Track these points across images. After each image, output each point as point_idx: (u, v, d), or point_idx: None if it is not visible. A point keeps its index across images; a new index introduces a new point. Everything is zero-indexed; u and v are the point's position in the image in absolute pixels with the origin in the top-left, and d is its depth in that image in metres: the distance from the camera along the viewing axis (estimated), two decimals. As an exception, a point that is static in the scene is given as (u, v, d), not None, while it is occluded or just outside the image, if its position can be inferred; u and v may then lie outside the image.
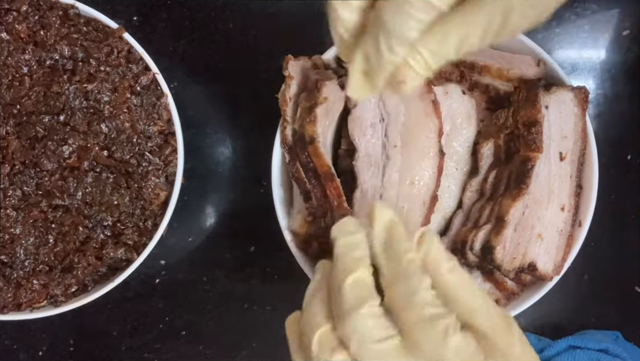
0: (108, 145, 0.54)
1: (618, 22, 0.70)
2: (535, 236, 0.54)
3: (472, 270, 0.56)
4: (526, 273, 0.55)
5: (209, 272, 0.68)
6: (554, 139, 0.54)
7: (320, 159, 0.53)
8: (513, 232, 0.53)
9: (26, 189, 0.53)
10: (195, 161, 0.68)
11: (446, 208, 0.57)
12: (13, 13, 0.54)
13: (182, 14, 0.69)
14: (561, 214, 0.55)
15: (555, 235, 0.55)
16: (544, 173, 0.54)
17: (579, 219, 0.56)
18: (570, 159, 0.55)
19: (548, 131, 0.54)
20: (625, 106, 0.69)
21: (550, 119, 0.54)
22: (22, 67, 0.53)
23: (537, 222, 0.54)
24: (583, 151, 0.56)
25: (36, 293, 0.54)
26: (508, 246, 0.53)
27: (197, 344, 0.68)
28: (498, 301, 0.57)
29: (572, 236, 0.56)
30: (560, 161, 0.54)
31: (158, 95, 0.56)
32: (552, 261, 0.55)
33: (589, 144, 0.56)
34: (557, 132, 0.54)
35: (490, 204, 0.55)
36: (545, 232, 0.54)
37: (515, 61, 0.56)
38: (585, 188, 0.56)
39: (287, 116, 0.55)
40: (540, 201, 0.54)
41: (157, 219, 0.56)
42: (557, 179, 0.54)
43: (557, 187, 0.54)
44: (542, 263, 0.54)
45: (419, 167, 0.54)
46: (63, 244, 0.54)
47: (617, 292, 0.68)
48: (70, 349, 0.67)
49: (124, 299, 0.67)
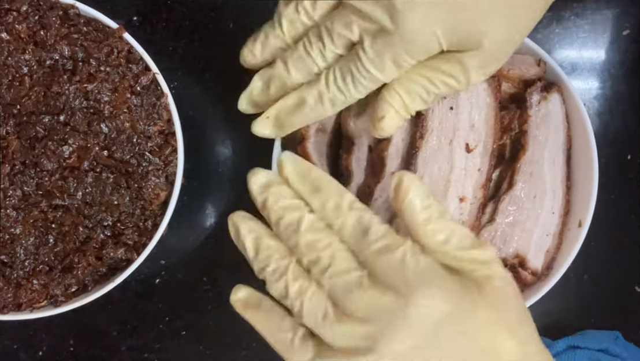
0: (108, 145, 0.54)
1: (618, 22, 0.70)
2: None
3: None
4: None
5: (209, 272, 0.68)
6: (459, 128, 0.54)
7: (308, 158, 0.53)
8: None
9: (26, 189, 0.53)
10: (195, 161, 0.68)
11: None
12: (13, 13, 0.54)
13: (182, 14, 0.69)
14: (459, 205, 0.54)
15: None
16: (437, 164, 0.53)
17: (578, 219, 0.56)
18: (480, 152, 0.54)
19: (452, 119, 0.54)
20: (625, 106, 0.69)
21: (459, 108, 0.54)
22: (22, 67, 0.53)
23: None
24: (498, 142, 0.55)
25: (36, 293, 0.54)
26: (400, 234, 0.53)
27: (197, 344, 0.68)
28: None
29: (478, 226, 0.55)
30: (466, 152, 0.54)
31: (158, 95, 0.56)
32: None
33: (589, 143, 0.56)
34: (465, 122, 0.54)
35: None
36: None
37: (515, 61, 0.56)
38: (585, 187, 0.56)
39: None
40: (435, 194, 0.53)
41: (157, 219, 0.56)
42: (458, 171, 0.54)
43: (458, 178, 0.54)
44: None
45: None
46: (63, 244, 0.54)
47: (617, 292, 0.68)
48: (70, 349, 0.67)
49: (124, 299, 0.67)
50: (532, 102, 0.55)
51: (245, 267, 0.69)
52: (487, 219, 0.55)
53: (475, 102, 0.54)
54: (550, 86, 0.56)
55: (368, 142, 0.55)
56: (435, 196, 0.53)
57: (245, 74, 0.52)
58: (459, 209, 0.54)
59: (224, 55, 0.69)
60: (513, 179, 0.55)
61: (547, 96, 0.56)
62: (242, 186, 0.71)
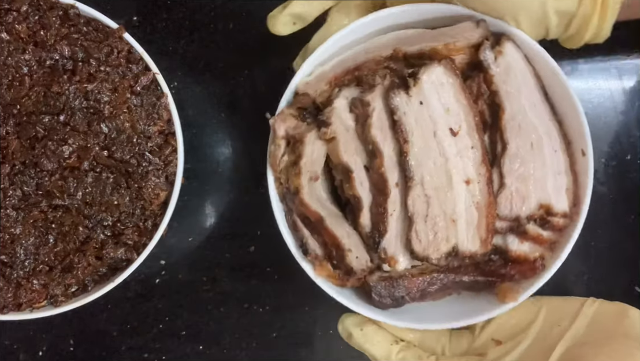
0: (108, 145, 0.54)
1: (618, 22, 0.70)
2: (449, 221, 0.54)
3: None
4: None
5: (209, 272, 0.68)
6: (436, 118, 0.54)
7: (308, 208, 0.54)
8: (424, 224, 0.53)
9: (26, 189, 0.53)
10: (195, 161, 0.68)
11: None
12: (13, 13, 0.54)
13: (182, 14, 0.69)
14: (468, 188, 0.54)
15: (471, 212, 0.54)
16: (431, 159, 0.54)
17: (580, 149, 0.56)
18: (466, 131, 0.54)
19: (425, 113, 0.54)
20: (625, 106, 0.69)
21: (427, 100, 0.54)
22: (22, 67, 0.53)
23: (447, 208, 0.54)
24: (477, 117, 0.55)
25: (36, 293, 0.54)
26: (424, 239, 0.53)
27: (197, 344, 0.68)
28: (543, 256, 0.56)
29: (493, 199, 0.55)
30: (453, 136, 0.54)
31: (158, 95, 0.56)
32: (477, 239, 0.54)
33: (555, 72, 0.55)
34: (439, 109, 0.54)
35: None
36: (455, 215, 0.54)
37: (456, 32, 0.56)
38: (573, 115, 0.56)
39: (279, 175, 0.56)
40: (440, 187, 0.54)
41: (157, 219, 0.56)
42: (453, 157, 0.54)
43: (456, 164, 0.54)
44: (463, 245, 0.54)
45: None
46: (63, 244, 0.54)
47: (617, 292, 0.68)
48: (70, 349, 0.67)
49: (124, 299, 0.67)
50: (488, 61, 0.55)
51: (245, 267, 0.69)
52: (497, 186, 0.55)
53: (440, 87, 0.54)
54: (500, 39, 0.56)
55: (363, 164, 0.55)
56: (442, 189, 0.54)
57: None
58: (469, 192, 0.54)
59: (224, 56, 0.70)
60: (504, 139, 0.55)
61: (500, 49, 0.56)
62: (242, 186, 0.72)
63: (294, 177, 0.54)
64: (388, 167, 0.54)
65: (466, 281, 0.57)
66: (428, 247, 0.54)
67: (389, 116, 0.54)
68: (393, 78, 0.56)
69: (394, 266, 0.55)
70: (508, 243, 0.56)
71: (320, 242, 0.55)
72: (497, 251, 0.57)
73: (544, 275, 0.55)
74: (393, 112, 0.53)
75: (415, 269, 0.57)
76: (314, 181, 0.55)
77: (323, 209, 0.55)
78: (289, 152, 0.56)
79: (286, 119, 0.56)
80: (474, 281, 0.57)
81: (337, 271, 0.56)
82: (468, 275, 0.57)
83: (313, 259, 0.55)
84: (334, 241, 0.54)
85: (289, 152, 0.56)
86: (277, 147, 0.56)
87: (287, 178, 0.55)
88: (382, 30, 0.58)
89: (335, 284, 0.57)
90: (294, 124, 0.56)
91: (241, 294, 0.68)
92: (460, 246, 0.54)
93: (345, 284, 0.57)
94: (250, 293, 0.68)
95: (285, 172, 0.56)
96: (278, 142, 0.56)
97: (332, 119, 0.54)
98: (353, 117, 0.55)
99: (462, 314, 0.56)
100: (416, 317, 0.57)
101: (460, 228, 0.54)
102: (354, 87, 0.57)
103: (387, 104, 0.54)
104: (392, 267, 0.55)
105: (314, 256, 0.55)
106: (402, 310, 0.57)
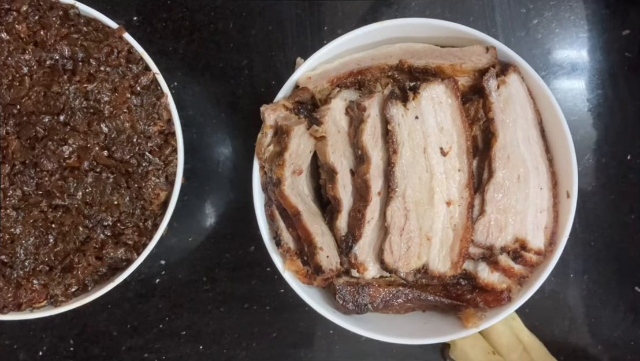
0: (108, 145, 0.54)
1: (618, 22, 0.70)
2: (424, 238, 0.55)
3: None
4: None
5: (209, 272, 0.68)
6: (429, 134, 0.54)
7: (286, 200, 0.54)
8: (398, 237, 0.54)
9: (26, 189, 0.53)
10: (195, 161, 0.68)
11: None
12: (13, 13, 0.54)
13: (182, 14, 0.69)
14: (448, 209, 0.55)
15: (447, 233, 0.55)
16: (417, 174, 0.54)
17: (565, 190, 0.56)
18: (456, 153, 0.55)
19: (419, 128, 0.55)
20: (625, 106, 0.69)
21: (423, 115, 0.55)
22: (22, 67, 0.53)
23: (424, 224, 0.55)
24: (469, 141, 0.56)
25: (36, 293, 0.54)
26: (396, 251, 0.54)
27: (197, 344, 0.68)
28: (510, 289, 0.57)
29: (471, 224, 0.55)
30: (442, 155, 0.54)
31: (158, 95, 0.56)
32: (449, 260, 0.55)
33: (555, 113, 0.56)
34: (433, 127, 0.55)
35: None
36: (431, 233, 0.55)
37: (465, 54, 0.57)
38: (564, 156, 0.56)
39: (264, 163, 0.56)
40: (421, 203, 0.54)
41: (157, 219, 0.56)
42: (439, 176, 0.55)
43: (441, 184, 0.55)
44: (433, 264, 0.55)
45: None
46: (63, 244, 0.54)
47: (617, 292, 0.68)
48: (70, 349, 0.67)
49: (124, 299, 0.67)
50: (490, 89, 0.56)
51: (245, 267, 0.69)
52: (477, 212, 0.55)
53: (438, 105, 0.55)
54: (506, 68, 0.57)
55: (349, 167, 0.55)
56: (423, 205, 0.55)
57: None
58: (448, 213, 0.54)
59: (223, 56, 0.70)
60: (492, 168, 0.55)
61: (504, 79, 0.56)
62: (242, 186, 0.72)
63: (277, 167, 0.54)
64: (373, 174, 0.54)
65: (431, 301, 0.58)
66: (399, 260, 0.54)
67: (383, 125, 0.55)
68: (394, 88, 0.56)
69: (363, 273, 0.55)
70: (478, 270, 0.57)
71: (294, 236, 0.56)
72: (467, 276, 0.58)
73: (508, 307, 0.56)
74: (388, 121, 0.54)
75: (383, 280, 0.57)
76: (297, 175, 0.55)
77: (302, 204, 0.55)
78: (275, 142, 0.56)
79: (277, 109, 0.56)
80: (439, 302, 0.58)
81: (306, 268, 0.56)
82: (434, 295, 0.58)
83: (285, 252, 0.56)
84: (308, 237, 0.54)
85: (275, 143, 0.56)
86: (264, 135, 0.56)
87: (270, 168, 0.55)
88: (391, 40, 0.58)
89: (302, 282, 0.57)
90: (284, 115, 0.56)
91: (241, 294, 0.68)
92: (431, 265, 0.55)
93: (312, 283, 0.57)
94: (250, 293, 0.68)
95: (270, 162, 0.56)
96: (265, 131, 0.56)
97: (326, 118, 0.55)
98: (347, 120, 0.56)
99: (425, 332, 0.57)
100: (378, 328, 0.57)
101: (434, 246, 0.55)
102: (354, 90, 0.58)
103: (383, 113, 0.54)
104: (360, 273, 0.56)
105: (286, 249, 0.56)
106: (365, 318, 0.57)
